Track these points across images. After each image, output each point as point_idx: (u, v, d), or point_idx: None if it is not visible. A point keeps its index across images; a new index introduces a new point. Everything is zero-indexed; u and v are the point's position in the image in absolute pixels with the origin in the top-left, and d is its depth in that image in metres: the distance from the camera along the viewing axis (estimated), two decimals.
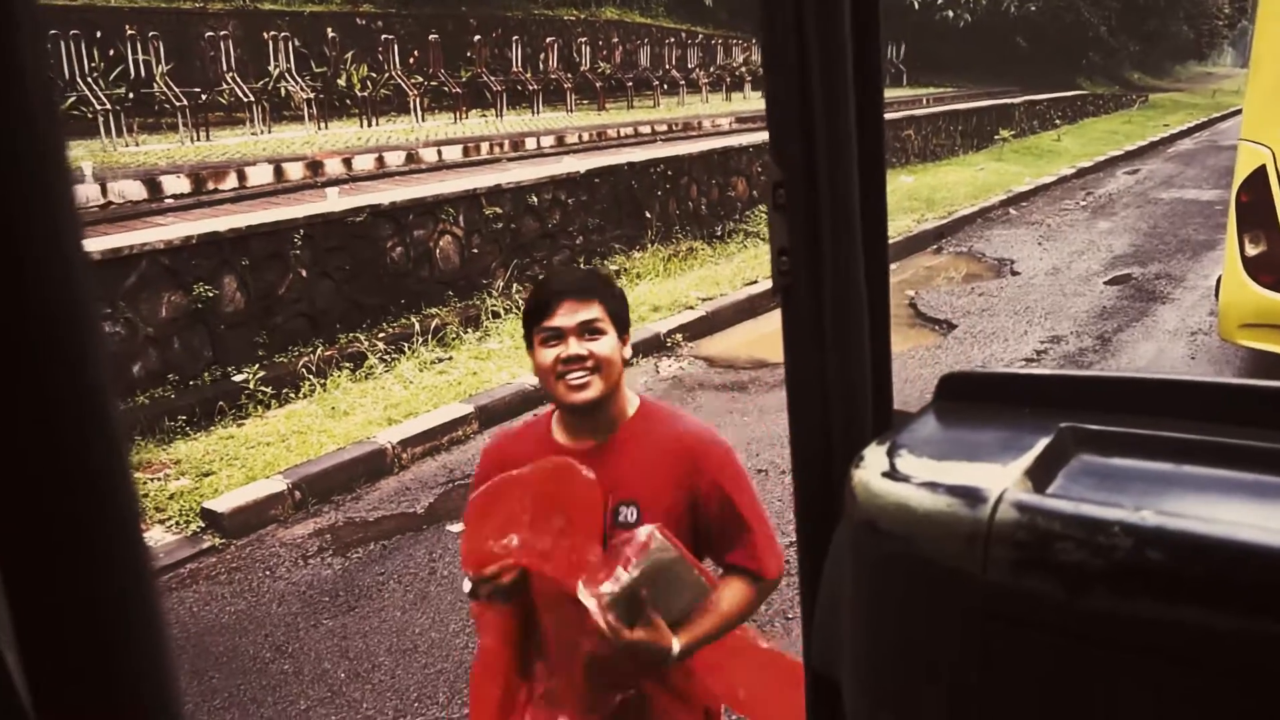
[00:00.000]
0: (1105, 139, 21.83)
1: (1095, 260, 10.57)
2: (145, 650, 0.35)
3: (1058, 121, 25.03)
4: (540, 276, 1.99)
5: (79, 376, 0.31)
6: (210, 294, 6.55)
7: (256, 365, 6.69)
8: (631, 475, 1.87)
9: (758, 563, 1.91)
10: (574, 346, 1.85)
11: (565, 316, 1.86)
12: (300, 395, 6.63)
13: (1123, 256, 10.70)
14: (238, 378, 6.53)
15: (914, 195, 13.64)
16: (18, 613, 0.33)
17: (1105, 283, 9.56)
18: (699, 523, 1.91)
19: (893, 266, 10.44)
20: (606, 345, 1.88)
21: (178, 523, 4.99)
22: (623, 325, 1.94)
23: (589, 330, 1.87)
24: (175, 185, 9.47)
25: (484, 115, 16.48)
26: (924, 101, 22.03)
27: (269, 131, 13.19)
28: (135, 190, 9.19)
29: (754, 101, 20.33)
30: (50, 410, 0.31)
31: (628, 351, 1.95)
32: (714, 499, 1.88)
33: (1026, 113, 23.46)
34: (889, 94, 21.89)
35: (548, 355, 1.87)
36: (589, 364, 1.85)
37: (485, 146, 12.69)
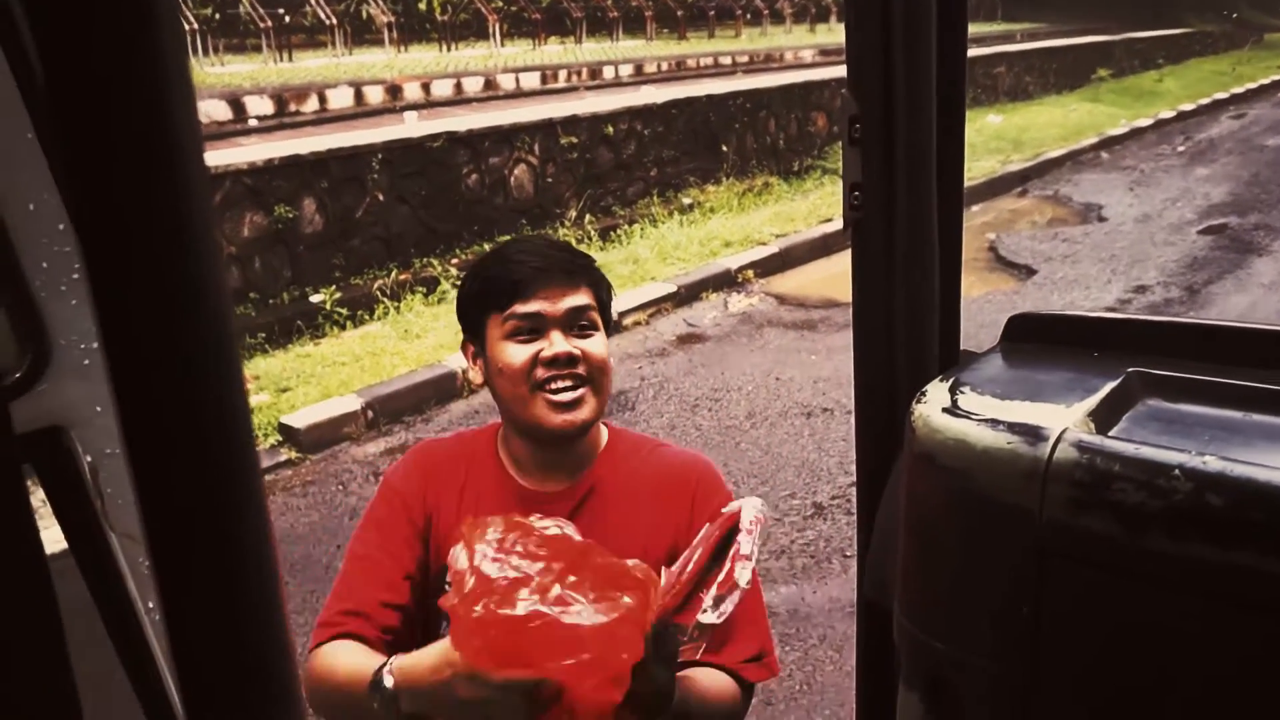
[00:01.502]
0: (1211, 80, 20.74)
1: (1189, 208, 10.15)
2: (276, 649, 0.38)
3: (1160, 61, 23.83)
4: (500, 245, 1.51)
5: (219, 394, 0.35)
6: (290, 215, 6.70)
7: (333, 286, 6.85)
8: (612, 526, 1.37)
9: (748, 666, 1.38)
10: (561, 343, 1.34)
11: (549, 299, 1.35)
12: (374, 317, 6.78)
13: (1220, 205, 10.25)
14: (315, 298, 6.70)
15: (1001, 135, 13.20)
16: (171, 616, 0.37)
17: (1199, 232, 9.18)
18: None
19: (975, 209, 10.18)
20: (601, 345, 1.38)
21: (257, 436, 5.19)
22: (609, 320, 1.45)
23: (579, 323, 1.37)
24: (259, 106, 9.64)
25: (563, 42, 16.33)
26: (1017, 37, 21.16)
27: (350, 54, 13.28)
28: (220, 110, 9.38)
29: (839, 34, 19.74)
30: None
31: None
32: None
33: (1127, 51, 22.39)
34: (979, 29, 21.09)
35: (520, 353, 1.34)
36: (581, 370, 1.35)
37: (563, 74, 12.61)
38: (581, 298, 1.37)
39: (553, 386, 1.33)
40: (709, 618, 1.11)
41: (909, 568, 0.86)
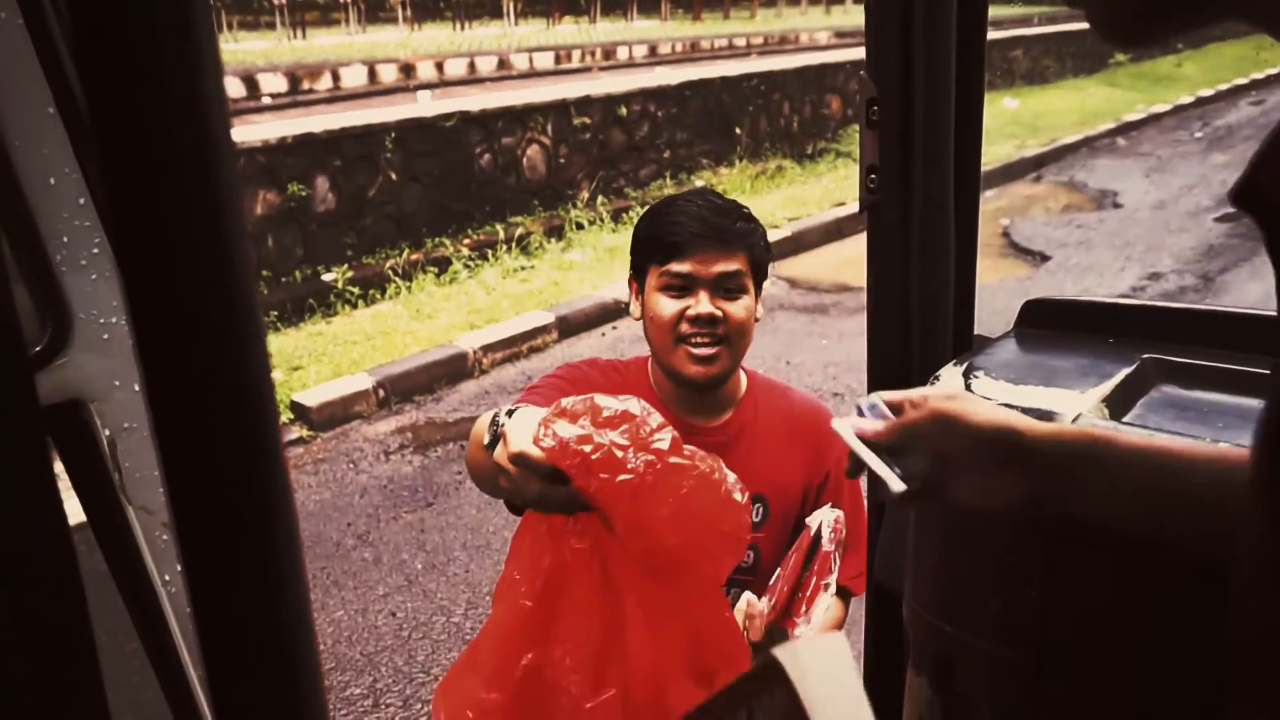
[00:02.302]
0: (1232, 66, 20.51)
1: (1206, 195, 10.07)
2: (299, 621, 0.39)
3: (1180, 45, 23.58)
4: (671, 197, 1.58)
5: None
6: (303, 193, 6.71)
7: (345, 265, 6.86)
8: (756, 466, 1.52)
9: (856, 579, 1.52)
10: (705, 304, 1.47)
11: (701, 264, 1.47)
12: (386, 296, 6.79)
13: None
14: (327, 276, 6.71)
15: (1017, 120, 13.10)
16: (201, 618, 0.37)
17: (1215, 219, 9.11)
18: (797, 524, 1.53)
19: (989, 194, 10.12)
20: (744, 308, 1.49)
21: None
22: (762, 278, 1.56)
23: (727, 287, 1.48)
24: (272, 84, 9.63)
25: (577, 22, 16.25)
26: (1034, 20, 20.97)
27: (364, 32, 13.25)
28: (234, 88, 9.38)
29: (854, 15, 19.60)
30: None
31: (760, 310, 1.56)
32: (829, 487, 1.57)
33: None
34: (997, 12, 20.87)
35: (669, 307, 1.48)
36: (720, 330, 1.47)
37: (577, 54, 12.55)
38: (733, 264, 1.47)
39: (694, 341, 1.47)
40: (803, 627, 1.21)
41: (919, 552, 0.86)
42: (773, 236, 8.54)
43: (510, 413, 1.14)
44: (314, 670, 0.41)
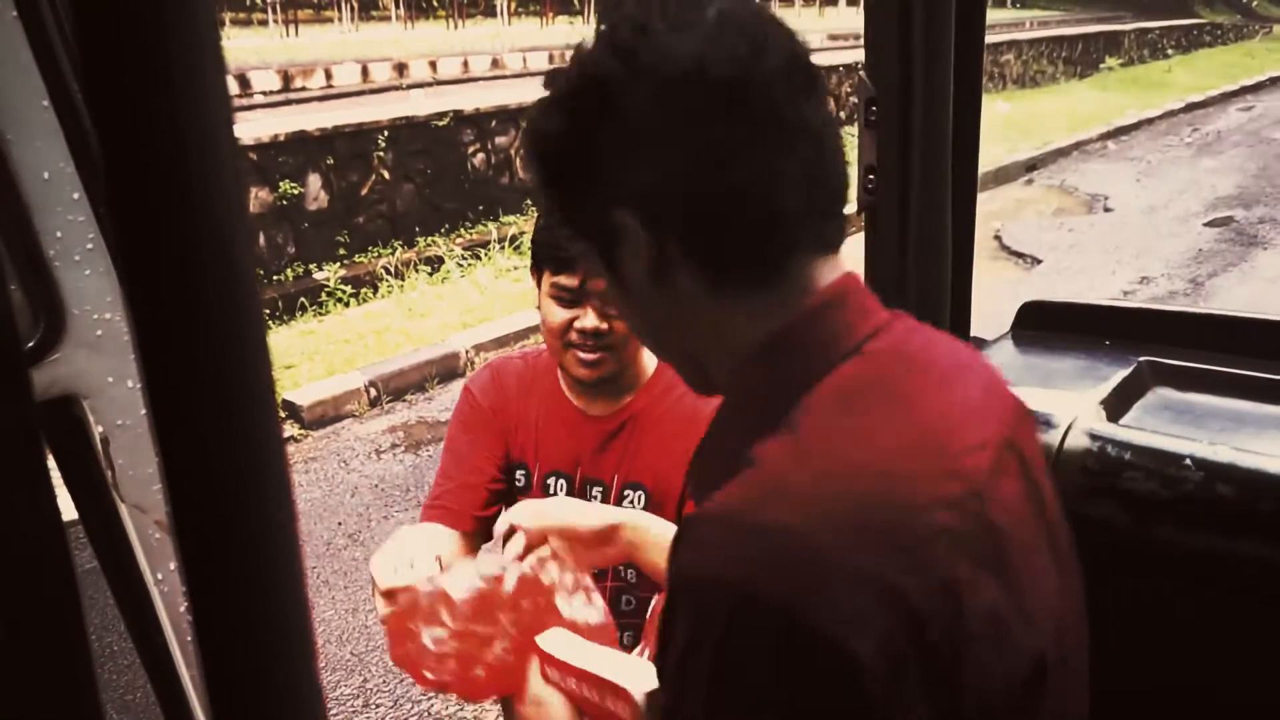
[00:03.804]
0: (1220, 72, 20.62)
1: (1196, 200, 10.12)
2: (298, 619, 0.39)
3: (1170, 51, 23.70)
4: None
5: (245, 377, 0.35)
6: (295, 191, 6.69)
7: (337, 264, 6.84)
8: (640, 454, 1.61)
9: None
10: (591, 318, 1.52)
11: (590, 277, 1.51)
12: (378, 295, 6.78)
13: (1226, 198, 10.21)
14: (319, 275, 6.70)
15: (1009, 123, 13.14)
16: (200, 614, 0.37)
17: (1204, 224, 9.16)
18: None
19: (981, 196, 10.11)
20: None
21: None
22: None
23: None
24: (265, 81, 9.60)
25: (571, 21, 16.25)
26: (1027, 24, 21.04)
27: (357, 30, 13.22)
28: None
29: (848, 18, 19.64)
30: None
31: None
32: None
33: (1137, 40, 22.26)
34: (991, 16, 20.95)
35: (558, 315, 1.54)
36: (607, 340, 1.53)
37: (570, 54, 12.54)
38: None
39: (581, 348, 1.54)
40: None
41: None
42: None
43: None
44: (312, 670, 0.41)
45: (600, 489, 1.63)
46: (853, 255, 1.06)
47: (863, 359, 0.68)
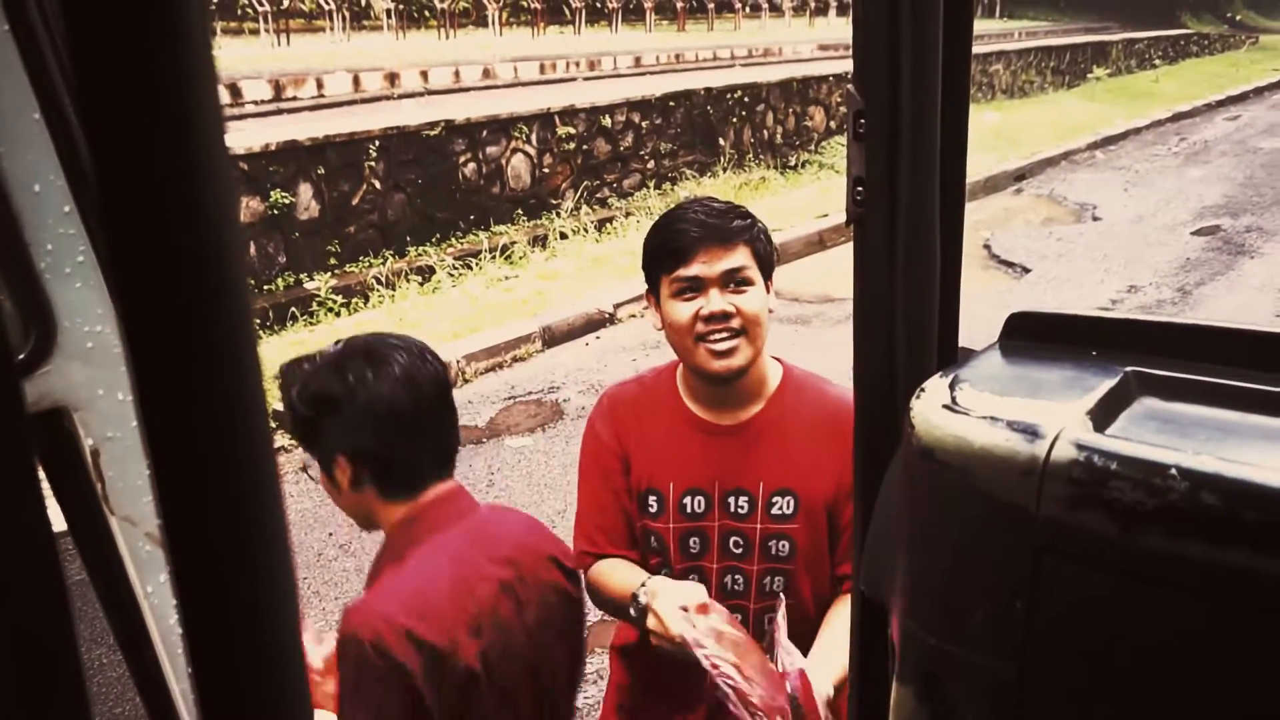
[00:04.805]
0: (1207, 82, 20.77)
1: (1183, 209, 10.18)
2: (289, 632, 0.39)
3: (1157, 62, 23.87)
4: (672, 209, 1.66)
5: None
6: (286, 201, 6.68)
7: (328, 274, 6.83)
8: (785, 459, 1.60)
9: None
10: (717, 301, 1.54)
11: (706, 264, 1.54)
12: (369, 305, 6.77)
13: (1212, 207, 10.28)
14: (310, 285, 6.68)
15: (998, 133, 13.21)
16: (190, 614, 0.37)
17: (1191, 233, 9.22)
18: (835, 516, 1.62)
19: (969, 206, 10.18)
20: (755, 300, 1.56)
21: None
22: (769, 269, 1.62)
23: (735, 281, 1.55)
24: (256, 91, 9.59)
25: (562, 31, 16.29)
26: (1015, 35, 21.18)
27: (348, 40, 13.22)
28: None
29: (838, 29, 19.75)
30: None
31: (773, 301, 1.62)
32: None
33: (1125, 51, 22.42)
34: (978, 26, 21.08)
35: (684, 310, 1.55)
36: (735, 323, 1.55)
37: (562, 64, 12.57)
38: (737, 259, 1.55)
39: (712, 338, 1.54)
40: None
41: (907, 563, 0.86)
42: None
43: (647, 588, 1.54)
44: (302, 682, 0.41)
45: (746, 498, 1.62)
46: (841, 267, 1.07)
47: None
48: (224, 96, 9.36)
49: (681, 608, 1.44)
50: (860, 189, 0.86)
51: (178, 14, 0.32)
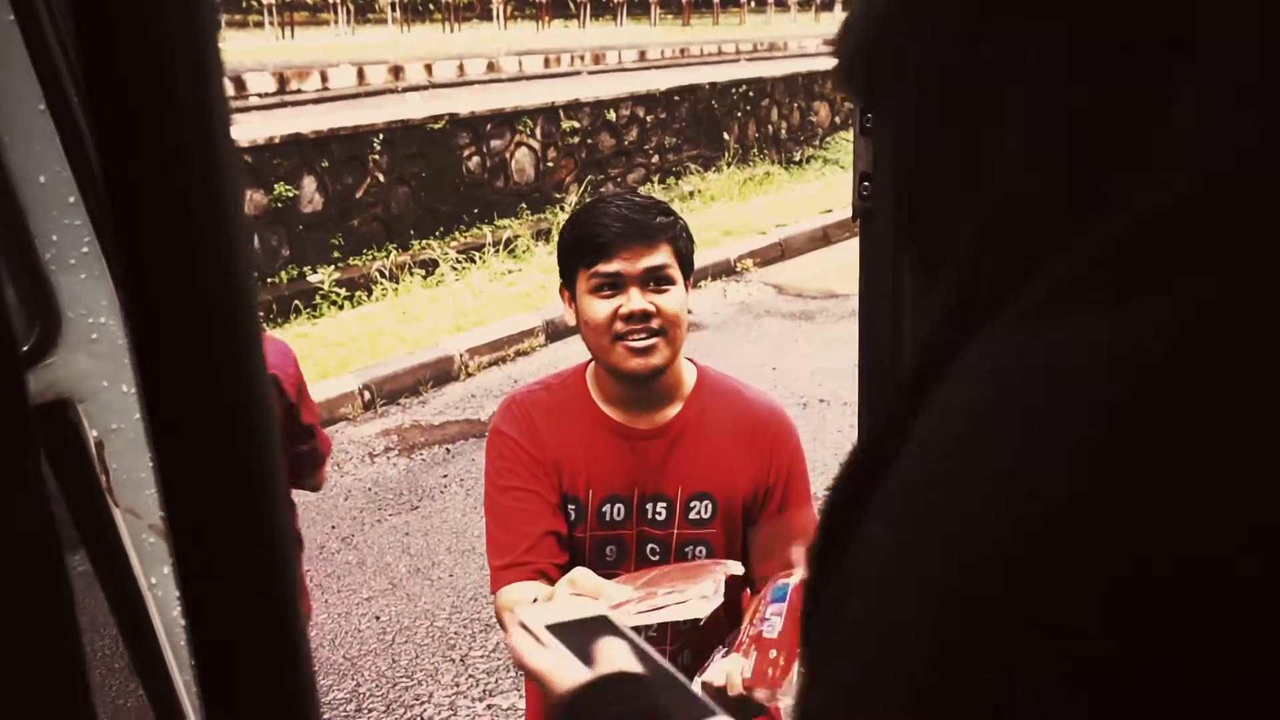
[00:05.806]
0: None
1: None
2: (293, 625, 0.39)
3: None
4: (587, 202, 1.61)
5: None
6: (290, 194, 6.68)
7: (331, 266, 6.84)
8: (704, 462, 1.57)
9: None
10: (637, 300, 1.50)
11: (627, 261, 1.50)
12: (373, 298, 6.78)
13: None
14: (313, 278, 6.69)
15: None
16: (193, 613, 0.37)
17: None
18: (751, 518, 1.60)
19: None
20: (676, 300, 1.53)
21: None
22: (689, 268, 1.59)
23: (656, 279, 1.52)
24: (260, 84, 9.59)
25: (566, 25, 16.27)
26: None
27: (353, 33, 13.22)
28: None
29: None
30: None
31: (691, 302, 1.58)
32: (778, 489, 1.59)
33: None
34: None
35: (602, 308, 1.51)
36: (655, 323, 1.50)
37: (566, 58, 12.56)
38: (659, 257, 1.51)
39: (630, 337, 1.50)
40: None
41: None
42: (760, 243, 8.54)
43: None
44: (307, 675, 0.41)
45: (665, 504, 1.58)
46: (846, 262, 1.07)
47: None
48: (228, 89, 9.35)
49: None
50: (866, 184, 0.86)
51: (184, 5, 0.32)
